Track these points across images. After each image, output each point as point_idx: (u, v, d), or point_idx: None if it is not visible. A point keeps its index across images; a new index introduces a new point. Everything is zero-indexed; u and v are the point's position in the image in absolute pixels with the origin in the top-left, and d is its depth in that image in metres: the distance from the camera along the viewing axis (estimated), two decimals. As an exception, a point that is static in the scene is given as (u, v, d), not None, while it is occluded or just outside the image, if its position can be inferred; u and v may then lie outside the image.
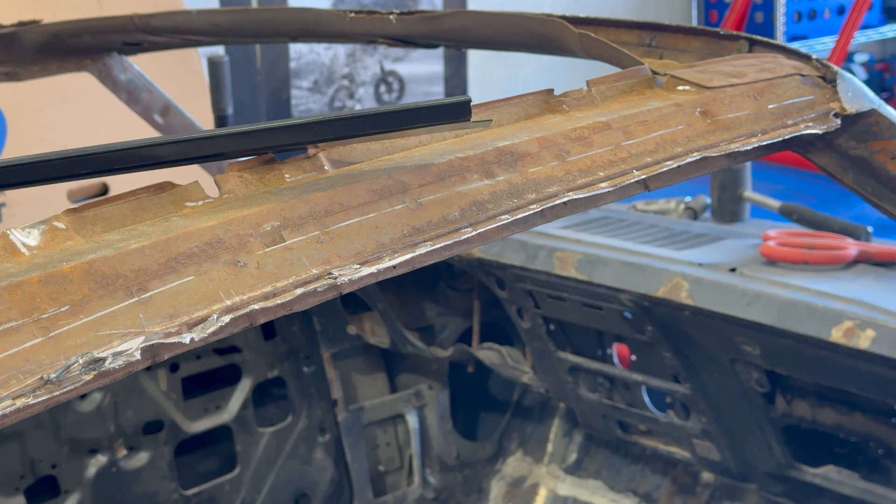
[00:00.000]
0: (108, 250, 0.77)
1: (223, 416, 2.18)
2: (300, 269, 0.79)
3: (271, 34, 1.79)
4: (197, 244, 0.78)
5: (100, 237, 0.79)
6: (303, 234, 0.82)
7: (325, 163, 0.91)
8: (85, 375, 0.69)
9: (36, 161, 0.81)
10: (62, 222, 0.79)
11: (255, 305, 0.76)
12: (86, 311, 0.72)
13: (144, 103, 2.10)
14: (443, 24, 1.44)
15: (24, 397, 0.67)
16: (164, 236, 0.78)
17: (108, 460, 1.99)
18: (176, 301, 0.75)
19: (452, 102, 0.86)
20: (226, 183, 0.87)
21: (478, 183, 0.90)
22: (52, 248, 0.77)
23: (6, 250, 0.76)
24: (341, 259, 0.81)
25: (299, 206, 0.84)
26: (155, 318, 0.73)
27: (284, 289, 0.78)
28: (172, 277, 0.76)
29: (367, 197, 0.86)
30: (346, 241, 0.83)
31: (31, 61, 1.93)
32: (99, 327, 0.71)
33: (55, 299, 0.72)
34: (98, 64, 2.02)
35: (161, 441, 2.07)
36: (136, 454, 2.04)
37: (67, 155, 0.81)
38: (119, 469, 2.00)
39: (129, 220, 0.81)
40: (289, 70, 3.80)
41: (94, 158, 0.82)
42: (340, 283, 0.80)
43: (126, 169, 0.86)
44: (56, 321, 0.71)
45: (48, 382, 0.68)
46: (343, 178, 0.88)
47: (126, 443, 2.00)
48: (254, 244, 0.80)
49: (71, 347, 0.70)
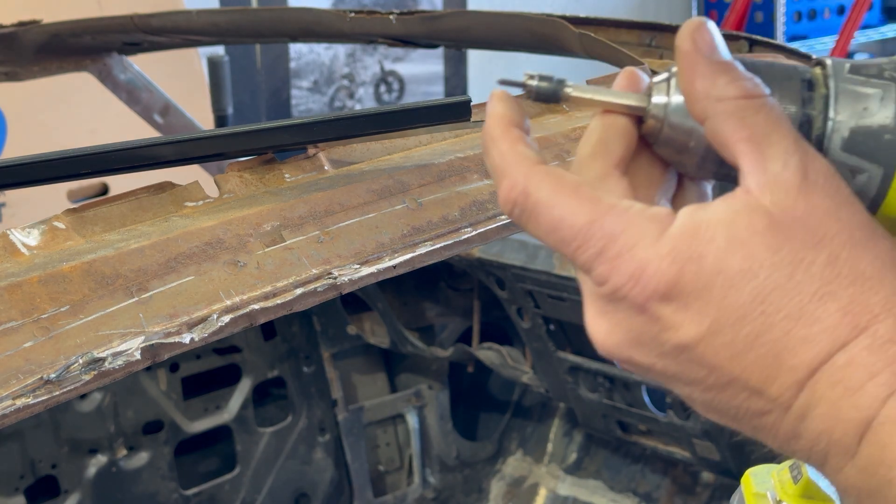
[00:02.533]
0: (108, 250, 0.77)
1: (223, 416, 2.18)
2: (300, 269, 0.79)
3: (271, 34, 1.79)
4: (197, 244, 0.78)
5: (100, 237, 0.79)
6: (303, 234, 0.82)
7: (324, 163, 0.91)
8: (85, 375, 0.69)
9: (36, 161, 0.81)
10: (62, 222, 0.79)
11: (254, 305, 0.76)
12: (86, 310, 0.72)
13: (144, 103, 2.10)
14: (443, 24, 1.44)
15: (24, 397, 0.67)
16: (164, 236, 0.78)
17: (108, 460, 1.99)
18: (176, 301, 0.74)
19: (452, 102, 0.86)
20: (226, 183, 0.87)
21: (478, 183, 0.90)
22: (52, 248, 0.77)
23: (6, 250, 0.76)
24: (341, 259, 0.81)
25: (299, 206, 0.84)
26: (155, 317, 0.73)
27: (284, 289, 0.78)
28: (172, 277, 0.76)
29: (367, 197, 0.86)
30: (346, 240, 0.83)
31: (30, 61, 1.93)
32: (99, 327, 0.71)
33: (55, 299, 0.72)
34: (98, 64, 2.02)
35: (161, 441, 2.07)
36: (136, 454, 2.04)
37: (67, 155, 0.81)
38: (119, 469, 2.00)
39: (128, 220, 0.81)
40: (289, 70, 3.80)
41: (94, 158, 0.82)
42: (340, 283, 0.80)
43: (126, 169, 0.86)
44: (56, 321, 0.71)
45: (48, 382, 0.68)
46: (343, 178, 0.88)
47: (126, 443, 2.00)
48: (254, 244, 0.80)
49: (71, 347, 0.70)
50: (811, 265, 0.47)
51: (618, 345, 0.51)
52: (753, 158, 0.48)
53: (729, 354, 0.48)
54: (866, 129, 0.49)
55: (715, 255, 0.47)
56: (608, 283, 0.49)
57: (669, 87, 0.51)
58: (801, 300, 0.46)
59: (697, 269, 0.47)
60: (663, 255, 0.48)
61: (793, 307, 0.46)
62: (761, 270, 0.47)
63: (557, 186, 0.50)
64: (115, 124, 2.37)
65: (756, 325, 0.47)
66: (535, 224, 0.50)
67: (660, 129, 0.51)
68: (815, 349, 0.46)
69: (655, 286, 0.48)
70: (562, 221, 0.49)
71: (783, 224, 0.47)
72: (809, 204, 0.47)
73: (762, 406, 0.48)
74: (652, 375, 0.52)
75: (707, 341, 0.48)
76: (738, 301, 0.47)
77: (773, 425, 0.48)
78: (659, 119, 0.51)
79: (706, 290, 0.47)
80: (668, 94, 0.51)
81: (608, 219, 0.49)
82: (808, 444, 0.48)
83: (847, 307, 0.46)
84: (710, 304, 0.47)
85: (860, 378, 0.46)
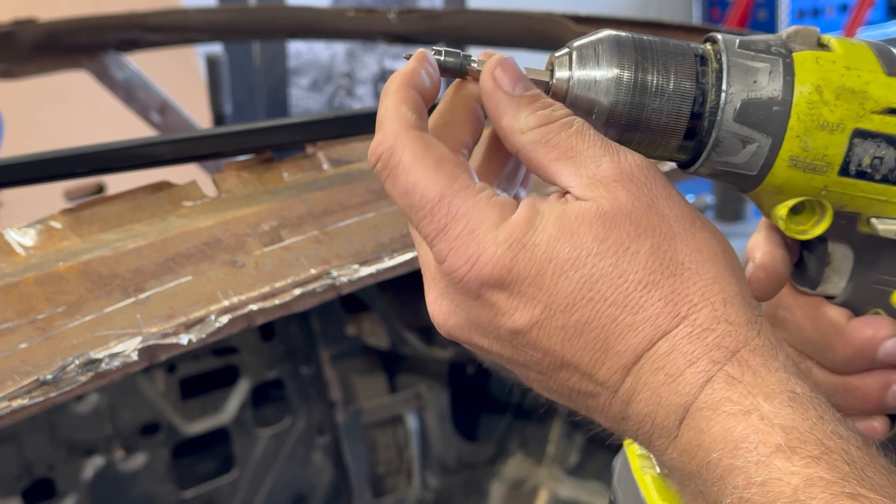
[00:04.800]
0: (105, 250, 0.76)
1: (221, 418, 2.18)
2: (299, 269, 0.79)
3: (270, 32, 1.78)
4: (194, 244, 0.78)
5: (96, 237, 0.78)
6: (301, 234, 0.81)
7: (323, 162, 0.90)
8: (81, 376, 0.68)
9: (32, 160, 0.80)
10: (59, 222, 0.78)
11: (253, 306, 0.75)
12: (82, 311, 0.71)
13: (141, 102, 2.09)
14: (443, 23, 1.44)
15: (20, 398, 0.66)
16: (161, 236, 0.78)
17: (105, 462, 1.99)
18: (173, 301, 0.74)
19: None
20: (224, 182, 0.86)
21: (479, 182, 0.90)
22: (49, 248, 0.76)
23: (2, 250, 0.75)
24: (340, 259, 0.81)
25: (298, 206, 0.83)
26: (152, 318, 0.72)
27: (283, 289, 0.77)
28: (170, 277, 0.75)
29: (367, 196, 0.86)
30: (345, 240, 0.82)
31: (27, 59, 1.93)
32: (95, 328, 0.71)
33: (51, 300, 0.71)
34: (95, 62, 2.01)
35: (158, 442, 2.06)
36: (134, 456, 2.03)
37: (64, 154, 0.81)
38: (116, 471, 2.00)
39: (126, 220, 0.80)
40: (287, 68, 3.79)
41: (91, 157, 0.82)
42: (339, 284, 0.79)
43: (123, 168, 0.85)
44: (52, 322, 0.70)
45: (44, 383, 0.67)
46: (342, 178, 0.88)
47: (123, 444, 2.00)
48: (252, 244, 0.79)
49: (67, 348, 0.69)
50: (636, 254, 0.49)
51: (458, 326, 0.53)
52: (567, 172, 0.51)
53: (560, 339, 0.50)
54: (756, 100, 0.52)
55: (547, 243, 0.50)
56: (445, 262, 0.51)
57: (571, 61, 0.53)
58: (626, 288, 0.49)
59: (530, 257, 0.50)
60: (500, 242, 0.50)
61: (618, 295, 0.49)
62: (588, 259, 0.49)
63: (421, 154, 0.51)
64: (112, 123, 2.36)
65: (585, 311, 0.49)
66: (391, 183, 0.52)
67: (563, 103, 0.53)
68: (640, 336, 0.49)
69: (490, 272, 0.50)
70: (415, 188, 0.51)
71: (608, 215, 0.49)
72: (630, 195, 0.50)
73: (592, 388, 0.51)
74: (491, 357, 0.53)
75: (539, 326, 0.50)
76: (568, 288, 0.49)
77: (603, 407, 0.51)
78: (562, 92, 0.53)
79: (538, 277, 0.50)
80: (571, 69, 0.53)
81: (457, 198, 0.51)
82: (634, 426, 0.50)
83: (668, 296, 0.49)
84: (541, 291, 0.50)
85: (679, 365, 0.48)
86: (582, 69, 0.53)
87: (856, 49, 0.53)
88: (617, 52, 0.52)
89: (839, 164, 0.52)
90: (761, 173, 0.53)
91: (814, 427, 0.45)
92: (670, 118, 0.52)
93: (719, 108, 0.52)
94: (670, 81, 0.52)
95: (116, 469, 1.94)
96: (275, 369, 2.21)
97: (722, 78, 0.52)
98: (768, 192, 0.54)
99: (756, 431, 0.45)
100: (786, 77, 0.52)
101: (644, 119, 0.52)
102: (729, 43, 0.53)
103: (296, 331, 2.27)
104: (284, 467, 2.18)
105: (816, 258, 0.58)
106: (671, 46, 0.52)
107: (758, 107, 0.52)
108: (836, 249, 0.57)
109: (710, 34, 0.54)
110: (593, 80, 0.52)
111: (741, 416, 0.46)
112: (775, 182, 0.53)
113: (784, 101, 0.52)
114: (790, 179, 0.53)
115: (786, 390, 0.46)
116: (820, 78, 0.52)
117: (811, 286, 0.59)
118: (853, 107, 0.52)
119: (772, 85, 0.52)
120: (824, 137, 0.52)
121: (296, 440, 2.21)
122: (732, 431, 0.46)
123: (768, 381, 0.47)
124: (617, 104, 0.52)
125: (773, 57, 0.52)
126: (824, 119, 0.52)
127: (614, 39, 0.52)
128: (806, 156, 0.52)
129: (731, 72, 0.52)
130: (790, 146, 0.52)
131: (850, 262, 0.58)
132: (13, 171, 0.80)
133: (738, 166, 0.53)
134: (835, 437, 0.45)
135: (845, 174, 0.52)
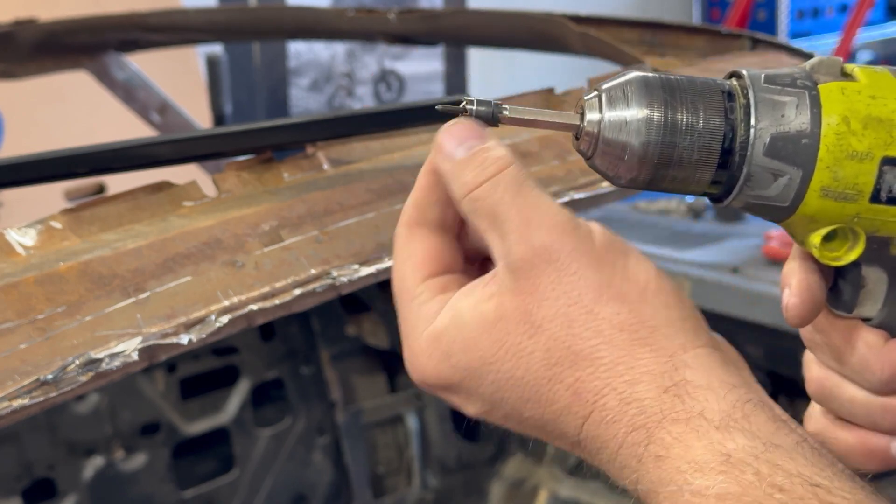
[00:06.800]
0: (105, 250, 0.76)
1: (221, 418, 2.17)
2: (299, 269, 0.79)
3: (270, 32, 1.79)
4: (195, 244, 0.78)
5: (97, 237, 0.78)
6: (301, 234, 0.81)
7: (323, 162, 0.90)
8: (81, 377, 0.68)
9: (32, 160, 0.80)
10: (59, 222, 0.78)
11: (253, 306, 0.76)
12: (82, 311, 0.71)
13: (141, 102, 2.09)
14: (442, 22, 1.44)
15: (21, 398, 0.66)
16: (161, 236, 0.78)
17: (105, 462, 1.99)
18: (173, 301, 0.74)
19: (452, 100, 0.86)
20: (224, 182, 0.86)
21: (479, 182, 0.89)
22: (49, 248, 0.76)
23: (2, 250, 0.75)
24: (340, 259, 0.81)
25: (298, 206, 0.83)
26: (152, 318, 0.72)
27: (283, 289, 0.77)
28: (170, 278, 0.75)
29: (367, 196, 0.86)
30: (345, 240, 0.82)
31: (27, 59, 1.93)
32: (96, 328, 0.71)
33: (51, 300, 0.71)
34: (95, 62, 2.01)
35: (158, 442, 2.06)
36: (134, 456, 2.03)
37: (64, 154, 0.81)
38: (116, 471, 1.99)
39: (126, 220, 0.80)
40: (287, 68, 3.79)
41: (91, 158, 0.82)
42: (339, 284, 0.79)
43: (123, 168, 0.85)
44: (52, 322, 0.70)
45: (44, 383, 0.67)
46: (342, 178, 0.88)
47: (123, 444, 2.00)
48: (252, 244, 0.79)
49: (67, 348, 0.69)
50: (532, 354, 0.51)
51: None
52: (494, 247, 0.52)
53: (513, 422, 0.53)
54: (785, 134, 0.52)
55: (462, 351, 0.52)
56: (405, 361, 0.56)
57: (601, 103, 0.53)
58: (533, 385, 0.51)
59: (455, 364, 0.52)
60: (428, 354, 0.53)
61: (531, 393, 0.51)
62: (494, 364, 0.51)
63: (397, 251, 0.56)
64: (113, 123, 2.36)
65: (509, 408, 0.52)
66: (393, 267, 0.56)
67: (595, 145, 0.53)
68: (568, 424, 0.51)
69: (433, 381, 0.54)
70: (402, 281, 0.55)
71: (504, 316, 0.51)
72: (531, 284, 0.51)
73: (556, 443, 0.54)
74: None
75: (489, 414, 0.54)
76: (492, 388, 0.52)
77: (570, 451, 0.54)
78: (593, 135, 0.53)
79: (467, 381, 0.53)
80: (601, 111, 0.53)
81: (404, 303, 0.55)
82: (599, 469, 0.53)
83: (573, 386, 0.50)
84: (472, 392, 0.53)
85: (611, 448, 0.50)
86: (612, 111, 0.53)
87: (880, 77, 0.54)
88: (646, 92, 0.52)
89: (870, 191, 0.52)
90: (793, 204, 0.53)
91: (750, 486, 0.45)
92: (701, 155, 0.52)
93: (749, 143, 0.52)
94: (700, 119, 0.52)
95: (116, 469, 1.94)
96: (275, 369, 2.21)
97: (750, 113, 0.52)
98: (801, 221, 0.54)
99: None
100: (813, 109, 0.52)
101: (676, 157, 0.52)
102: (754, 78, 0.53)
103: (296, 331, 2.27)
104: (284, 467, 2.18)
105: (851, 282, 0.58)
106: (698, 84, 0.53)
107: (787, 140, 0.52)
108: (870, 273, 0.57)
109: (735, 69, 0.55)
110: (624, 122, 0.53)
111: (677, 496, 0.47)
112: (807, 212, 0.53)
113: (812, 133, 0.52)
114: (822, 209, 0.53)
115: (719, 454, 0.47)
116: (846, 108, 0.52)
117: (847, 310, 0.59)
118: (881, 135, 0.52)
119: (799, 118, 0.52)
120: (854, 167, 0.52)
121: (296, 440, 2.21)
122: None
123: (696, 449, 0.47)
124: (648, 144, 0.52)
125: (799, 90, 0.53)
126: (853, 149, 0.52)
127: (642, 80, 0.53)
128: (837, 185, 0.52)
129: (758, 107, 0.52)
130: (821, 177, 0.52)
131: (885, 284, 0.58)
132: (13, 171, 0.80)
133: (771, 199, 0.53)
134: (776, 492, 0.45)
135: (876, 201, 0.53)
